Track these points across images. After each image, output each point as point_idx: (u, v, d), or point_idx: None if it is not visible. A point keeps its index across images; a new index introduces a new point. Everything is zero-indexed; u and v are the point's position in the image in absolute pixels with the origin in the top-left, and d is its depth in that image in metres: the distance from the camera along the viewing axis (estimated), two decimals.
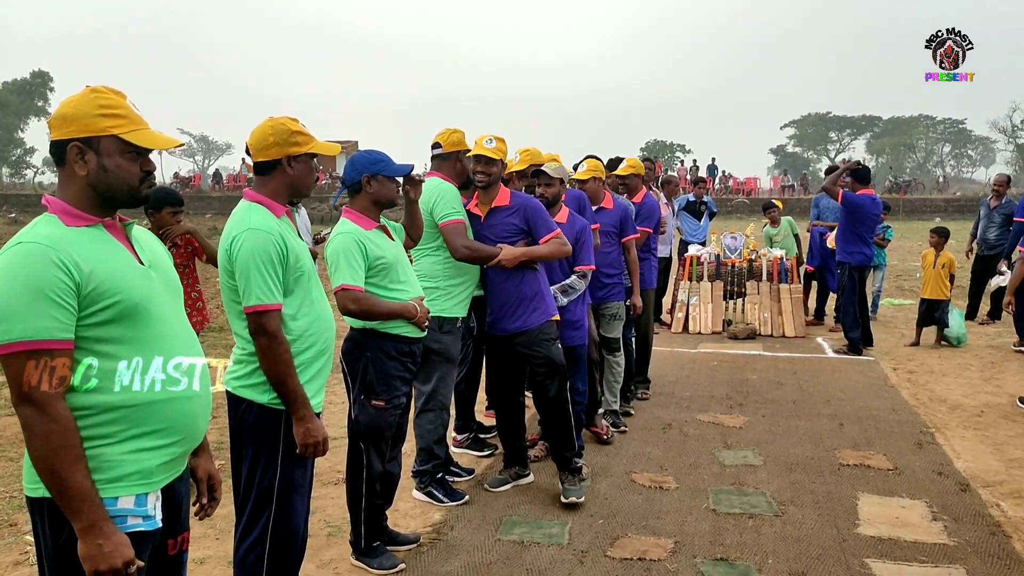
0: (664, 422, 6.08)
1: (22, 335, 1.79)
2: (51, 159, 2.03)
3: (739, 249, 10.61)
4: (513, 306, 4.41)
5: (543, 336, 4.42)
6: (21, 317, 1.79)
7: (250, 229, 2.69)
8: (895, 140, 73.62)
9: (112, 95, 1.99)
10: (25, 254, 1.83)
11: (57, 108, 1.97)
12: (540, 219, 4.43)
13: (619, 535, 4.11)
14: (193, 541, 3.95)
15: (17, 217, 30.26)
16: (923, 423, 6.06)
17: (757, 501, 4.54)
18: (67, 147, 1.94)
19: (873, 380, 7.45)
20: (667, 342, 9.33)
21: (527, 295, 4.40)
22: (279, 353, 2.68)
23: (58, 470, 1.82)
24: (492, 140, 4.33)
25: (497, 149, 4.34)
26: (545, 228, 4.42)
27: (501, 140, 4.39)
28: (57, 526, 1.89)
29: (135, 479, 1.94)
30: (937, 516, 4.33)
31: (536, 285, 4.45)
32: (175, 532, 2.14)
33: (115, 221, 2.03)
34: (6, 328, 1.79)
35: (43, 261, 1.82)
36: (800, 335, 9.57)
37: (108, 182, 1.97)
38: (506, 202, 4.41)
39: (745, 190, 42.52)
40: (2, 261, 1.84)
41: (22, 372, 1.80)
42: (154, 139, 2.03)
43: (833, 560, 3.82)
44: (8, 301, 1.79)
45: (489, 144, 4.32)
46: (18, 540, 3.96)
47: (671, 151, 65.86)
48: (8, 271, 1.81)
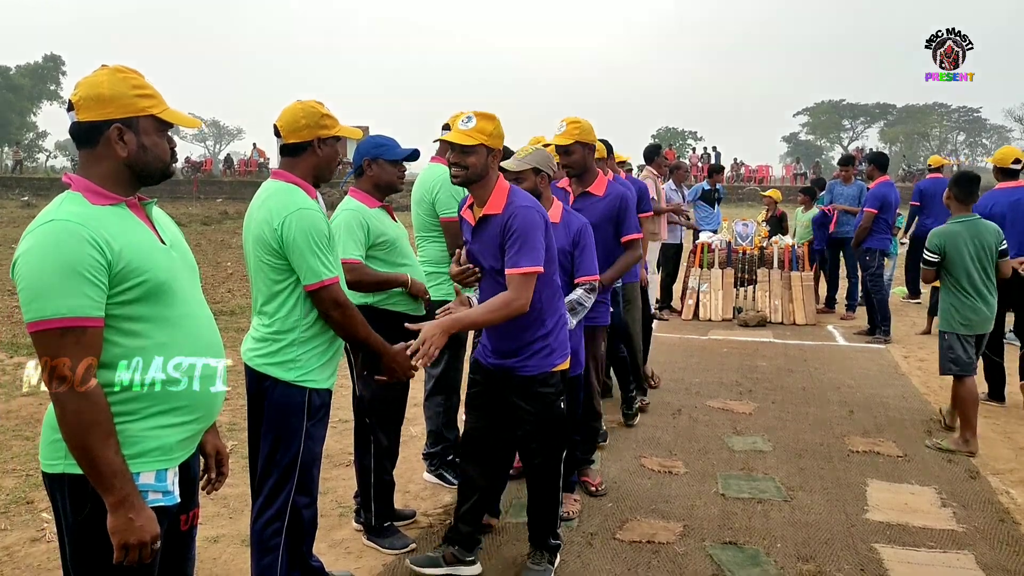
0: (674, 408, 6.10)
1: (56, 312, 1.81)
2: (71, 140, 2.04)
3: (750, 236, 10.58)
4: (511, 336, 3.32)
5: (543, 388, 3.32)
6: (55, 295, 1.80)
7: (301, 209, 2.77)
8: (909, 128, 73.08)
9: (137, 75, 2.03)
10: (58, 232, 1.84)
11: (83, 89, 1.97)
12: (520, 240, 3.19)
13: (628, 518, 4.13)
14: (207, 520, 4.02)
15: (30, 200, 30.41)
16: (933, 411, 6.05)
17: (766, 486, 4.56)
18: (106, 128, 1.96)
19: (883, 368, 7.44)
20: (677, 329, 9.33)
21: (532, 327, 3.28)
22: (355, 317, 2.88)
23: (89, 446, 1.85)
24: (471, 118, 3.12)
25: (477, 130, 3.10)
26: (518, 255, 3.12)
27: (487, 118, 3.15)
28: (78, 502, 1.92)
29: (156, 455, 1.97)
30: (946, 502, 4.34)
31: (551, 315, 3.34)
32: (187, 508, 2.18)
33: (136, 200, 2.06)
34: (39, 306, 1.81)
35: (76, 239, 1.84)
36: (811, 323, 9.55)
37: (147, 161, 2.02)
38: (498, 209, 3.18)
39: (757, 178, 42.31)
40: (35, 238, 1.85)
41: (55, 349, 1.82)
42: (184, 117, 2.10)
43: (841, 545, 3.84)
44: (42, 278, 1.81)
45: (466, 124, 3.12)
46: (35, 518, 4.02)
47: (682, 138, 65.61)
48: (41, 248, 1.83)
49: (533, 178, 3.67)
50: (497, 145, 3.17)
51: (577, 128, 4.27)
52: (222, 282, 12.34)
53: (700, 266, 10.25)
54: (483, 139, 3.11)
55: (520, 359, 3.33)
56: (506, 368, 3.35)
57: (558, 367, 3.36)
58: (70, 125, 2.00)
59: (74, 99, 1.97)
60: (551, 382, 3.34)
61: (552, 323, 3.35)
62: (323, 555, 3.54)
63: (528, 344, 3.31)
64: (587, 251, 3.83)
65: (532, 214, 3.13)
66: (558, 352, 3.36)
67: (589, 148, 4.34)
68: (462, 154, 3.13)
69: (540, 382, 3.32)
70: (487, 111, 3.16)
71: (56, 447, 1.92)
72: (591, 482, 4.47)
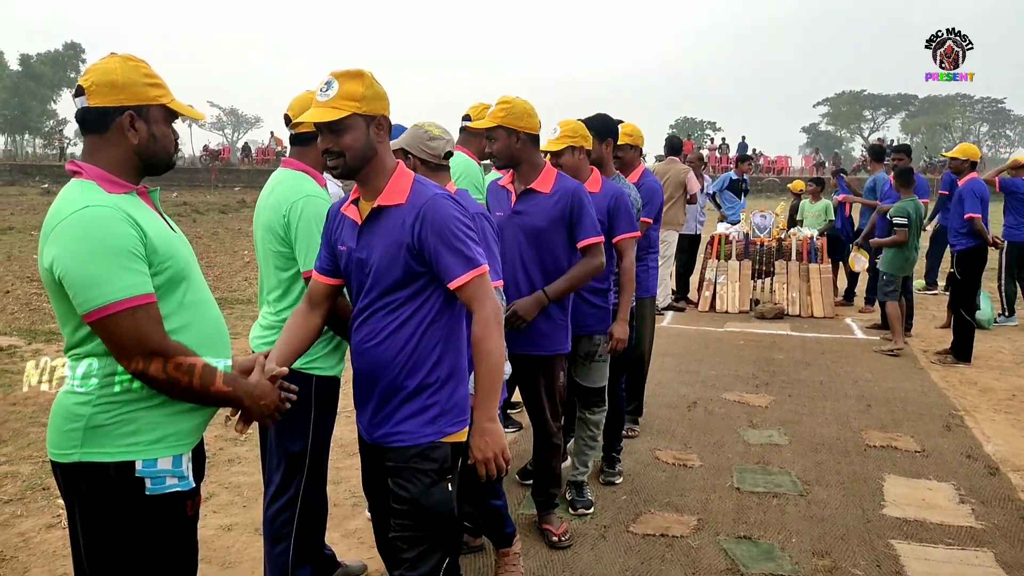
0: (689, 400, 6.06)
1: (122, 294, 1.82)
2: (78, 124, 2.03)
3: (768, 228, 10.50)
4: (377, 394, 2.37)
5: (421, 464, 2.34)
6: (114, 277, 1.81)
7: (308, 196, 2.77)
8: (931, 119, 72.36)
9: (146, 64, 2.04)
10: (98, 217, 1.84)
11: (95, 75, 1.97)
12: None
13: (642, 511, 4.11)
14: (220, 508, 4.03)
15: (50, 187, 30.66)
16: (952, 405, 5.98)
17: (781, 480, 4.52)
18: (118, 115, 1.96)
19: (902, 362, 7.36)
20: (693, 320, 9.28)
21: (419, 367, 2.33)
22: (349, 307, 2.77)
23: (203, 397, 1.98)
24: (331, 83, 2.26)
25: (342, 97, 2.23)
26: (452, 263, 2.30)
27: (353, 76, 2.27)
28: (95, 491, 1.92)
29: (172, 440, 1.98)
30: (965, 499, 4.29)
31: (448, 357, 2.37)
32: (194, 493, 2.18)
33: (144, 189, 2.06)
34: (102, 292, 1.81)
35: (116, 221, 1.85)
36: (829, 315, 9.47)
37: (155, 150, 2.02)
38: (401, 198, 2.35)
39: (776, 169, 42.00)
40: (76, 227, 1.84)
41: (131, 331, 1.83)
42: (190, 110, 2.13)
43: (857, 540, 3.80)
44: (97, 265, 1.81)
45: (325, 94, 2.26)
46: (51, 504, 4.05)
47: (701, 129, 65.24)
48: (86, 236, 1.83)
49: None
50: (378, 109, 2.28)
51: (504, 109, 3.47)
52: (239, 271, 12.39)
53: (717, 257, 10.18)
54: (354, 107, 2.23)
55: (390, 421, 2.35)
56: (377, 440, 2.40)
57: (449, 437, 2.36)
58: (78, 110, 1.99)
59: (85, 84, 1.96)
60: (434, 456, 2.34)
61: (446, 369, 2.35)
62: (336, 545, 3.55)
63: (404, 396, 2.33)
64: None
65: (449, 203, 2.30)
66: (451, 415, 2.36)
67: (518, 136, 3.49)
68: (331, 135, 2.25)
69: (418, 456, 2.32)
70: (352, 68, 2.29)
71: (71, 436, 1.92)
72: (553, 530, 3.76)
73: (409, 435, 2.33)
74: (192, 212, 22.64)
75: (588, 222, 3.54)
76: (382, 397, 2.35)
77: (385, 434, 2.36)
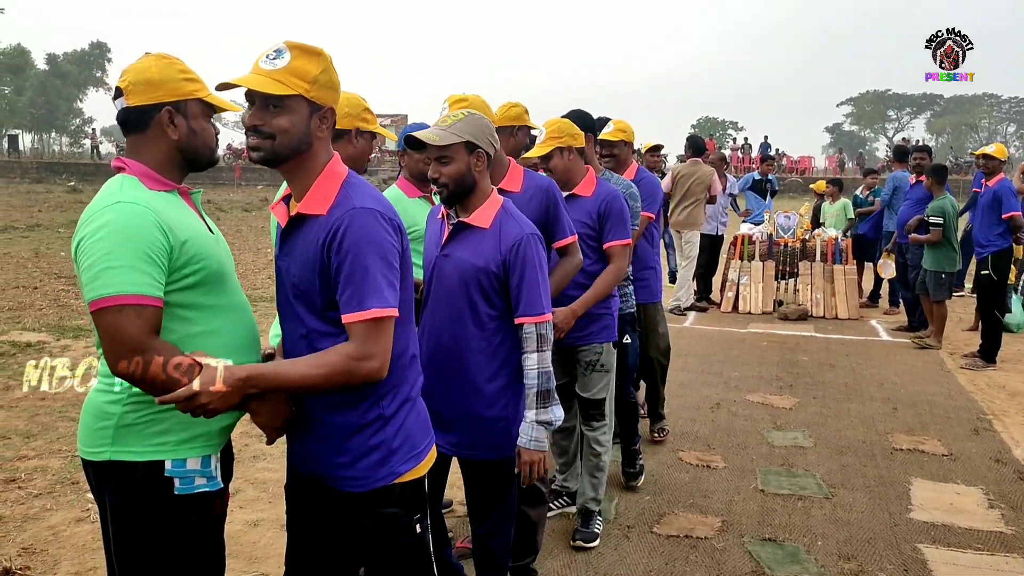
0: (712, 401, 6.03)
1: (118, 290, 1.79)
2: (119, 127, 2.06)
3: (792, 228, 10.42)
4: (317, 421, 2.07)
5: (381, 509, 2.07)
6: (119, 273, 1.80)
7: None
8: (957, 119, 71.55)
9: (180, 61, 2.05)
10: (127, 213, 1.85)
11: (132, 75, 1.99)
12: None
13: (666, 512, 4.10)
14: (247, 504, 4.07)
15: (76, 185, 31.02)
16: (980, 409, 5.91)
17: (807, 483, 4.48)
18: (157, 112, 1.98)
19: (929, 364, 7.29)
20: (716, 321, 9.23)
21: (359, 406, 2.03)
22: None
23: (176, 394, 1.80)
24: (282, 52, 1.94)
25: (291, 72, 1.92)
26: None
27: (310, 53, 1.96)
28: (124, 489, 1.94)
29: (201, 441, 1.98)
30: (994, 504, 4.24)
31: (393, 390, 2.07)
32: (222, 493, 2.19)
33: (186, 189, 2.08)
34: (101, 284, 1.80)
35: (144, 221, 1.85)
36: (853, 317, 9.38)
37: (195, 144, 2.04)
38: (323, 208, 1.99)
39: (799, 169, 41.69)
40: (104, 218, 1.85)
41: (110, 326, 1.80)
42: (226, 102, 2.12)
43: (884, 544, 3.76)
44: (109, 257, 1.81)
45: (272, 62, 1.94)
46: (80, 498, 4.10)
47: (723, 128, 64.91)
48: (110, 228, 1.83)
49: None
50: (328, 100, 1.99)
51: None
52: (262, 268, 12.49)
53: (740, 258, 10.12)
54: (303, 87, 1.92)
55: (334, 464, 2.05)
56: (317, 477, 2.10)
57: (403, 477, 2.08)
58: (119, 112, 2.01)
59: (123, 85, 1.98)
60: (390, 500, 2.07)
61: (393, 404, 2.07)
62: None
63: (346, 435, 2.04)
64: (526, 278, 2.62)
65: (373, 221, 1.92)
66: (403, 452, 2.07)
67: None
68: (264, 111, 1.93)
69: (371, 501, 2.06)
70: (311, 44, 1.97)
71: (102, 434, 1.93)
72: None
73: (357, 480, 2.04)
74: (216, 210, 22.82)
75: (564, 221, 3.30)
76: (319, 428, 2.06)
77: (327, 476, 2.07)
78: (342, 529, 2.12)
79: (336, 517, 2.11)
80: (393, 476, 2.06)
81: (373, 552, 2.11)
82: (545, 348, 2.63)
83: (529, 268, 2.60)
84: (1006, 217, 7.11)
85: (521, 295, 2.61)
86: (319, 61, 1.96)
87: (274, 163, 1.96)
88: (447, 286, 2.65)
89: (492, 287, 2.62)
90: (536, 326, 2.61)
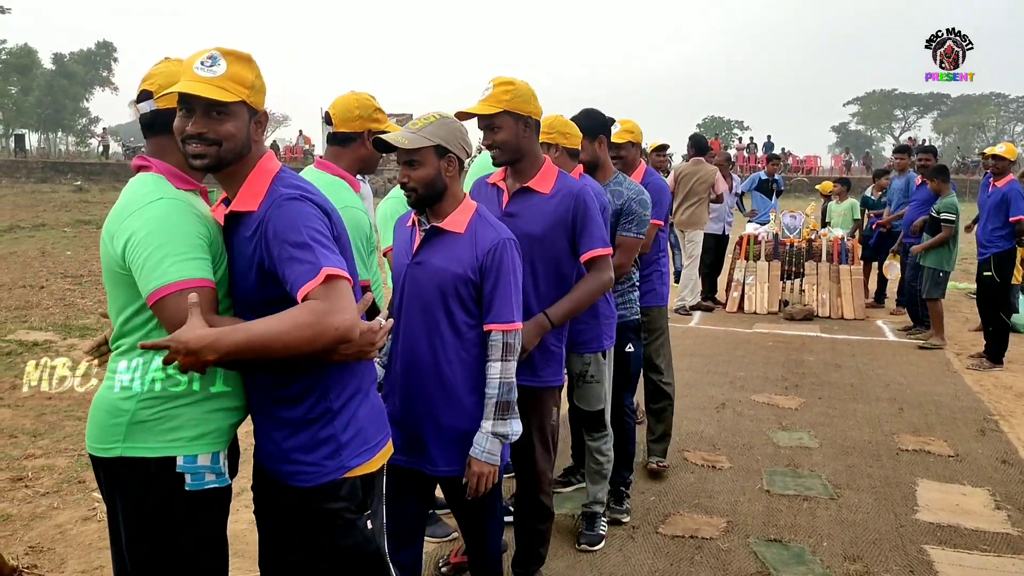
0: (718, 401, 6.02)
1: (173, 277, 1.84)
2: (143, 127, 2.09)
3: (798, 228, 10.40)
4: (262, 409, 2.11)
5: (327, 504, 2.09)
6: (175, 263, 1.85)
7: (346, 208, 2.56)
8: (964, 119, 71.30)
9: None
10: (170, 207, 1.92)
11: (159, 79, 2.05)
12: None
13: (671, 512, 4.09)
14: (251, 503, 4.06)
15: (82, 185, 31.08)
16: (987, 410, 5.90)
17: (812, 483, 4.48)
18: None
19: (935, 365, 7.27)
20: (721, 321, 9.22)
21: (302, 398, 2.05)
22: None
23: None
24: (217, 59, 1.94)
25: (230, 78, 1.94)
26: None
27: (243, 60, 2.00)
28: (137, 485, 1.96)
29: (212, 438, 2.01)
30: (1000, 505, 4.22)
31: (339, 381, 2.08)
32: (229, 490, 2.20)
33: (205, 189, 2.13)
34: (160, 274, 1.85)
35: (187, 213, 1.93)
36: (859, 317, 9.36)
37: None
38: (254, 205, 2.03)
39: (805, 169, 41.60)
40: (151, 213, 1.90)
41: (173, 311, 1.84)
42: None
43: (890, 545, 3.75)
44: (164, 251, 1.86)
45: (210, 68, 1.94)
46: (87, 497, 4.11)
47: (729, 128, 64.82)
48: (160, 224, 1.88)
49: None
50: (262, 104, 2.04)
51: (508, 91, 2.89)
52: None
53: (746, 258, 10.11)
54: (244, 93, 1.96)
55: (284, 458, 2.08)
56: (273, 473, 2.13)
57: (354, 471, 2.09)
58: (145, 113, 2.06)
59: (152, 88, 2.04)
60: (340, 494, 2.08)
61: (342, 397, 2.08)
62: None
63: (294, 430, 2.06)
64: (500, 285, 2.53)
65: (299, 205, 1.94)
66: (354, 446, 2.08)
67: (526, 123, 2.96)
68: (207, 118, 1.92)
69: (320, 496, 2.07)
70: (239, 50, 2.00)
71: (114, 431, 1.95)
72: None
73: (307, 474, 2.06)
74: None
75: (595, 230, 3.02)
76: (269, 428, 2.10)
77: (279, 471, 2.10)
78: (299, 526, 2.13)
79: (292, 514, 2.13)
80: (343, 470, 2.07)
81: (322, 548, 2.11)
82: (510, 358, 2.55)
83: (503, 274, 2.53)
84: (1013, 220, 7.08)
85: (493, 301, 2.53)
86: (252, 67, 2.00)
87: (216, 169, 1.98)
88: (422, 296, 2.54)
89: (470, 295, 2.54)
90: (504, 334, 2.53)
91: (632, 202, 3.71)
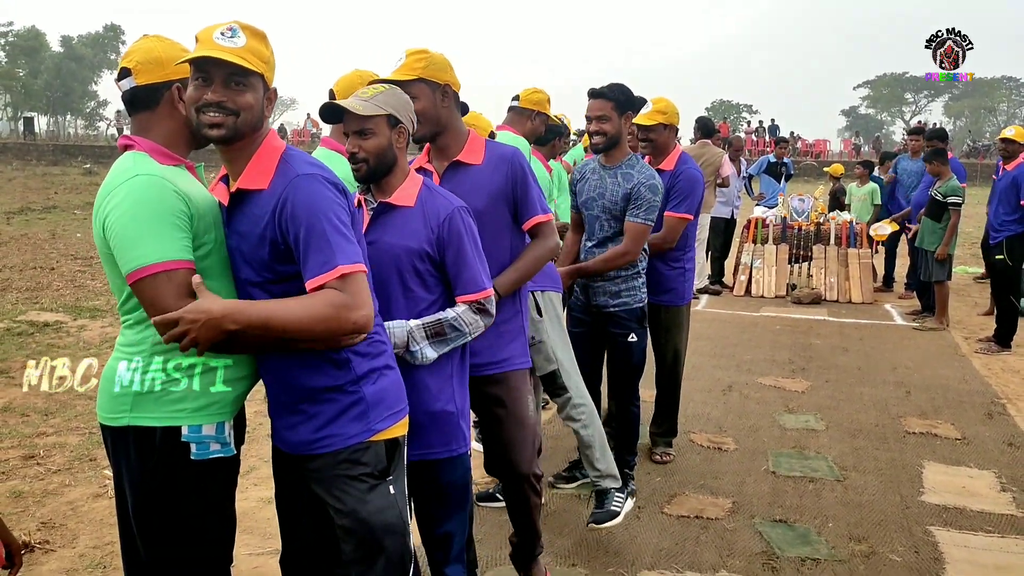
0: (724, 384, 6.03)
1: (152, 259, 1.86)
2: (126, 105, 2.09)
3: (807, 212, 10.36)
4: (288, 388, 2.12)
5: (352, 470, 2.09)
6: (152, 243, 1.86)
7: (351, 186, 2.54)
8: (975, 103, 70.72)
9: (179, 44, 2.11)
10: (147, 185, 1.91)
11: (139, 55, 2.06)
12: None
13: (676, 493, 4.11)
14: (260, 481, 4.12)
15: (92, 167, 31.16)
16: (994, 393, 5.89)
17: (818, 465, 4.49)
18: (166, 89, 2.04)
19: (943, 348, 7.26)
20: (729, 304, 9.21)
21: (325, 368, 2.07)
22: None
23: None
24: (236, 31, 1.95)
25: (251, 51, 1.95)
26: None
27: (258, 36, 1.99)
28: (144, 453, 1.99)
29: (216, 408, 2.03)
30: (1006, 487, 4.23)
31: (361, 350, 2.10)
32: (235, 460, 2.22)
33: (192, 164, 2.13)
34: (138, 254, 1.86)
35: (164, 190, 1.91)
36: (868, 301, 9.34)
37: None
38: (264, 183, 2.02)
39: (814, 152, 41.39)
40: (125, 192, 1.91)
41: (150, 293, 1.87)
42: None
43: (895, 527, 3.77)
44: (140, 229, 1.87)
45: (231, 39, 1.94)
46: (97, 474, 4.16)
47: (737, 111, 64.46)
48: (135, 201, 1.89)
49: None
50: (272, 79, 2.05)
51: (422, 60, 2.66)
52: None
53: (754, 241, 10.08)
54: (262, 67, 1.96)
55: (309, 428, 2.10)
56: (295, 448, 2.15)
57: (380, 435, 2.11)
58: (125, 92, 2.06)
59: (131, 65, 2.05)
60: (364, 459, 2.09)
61: (364, 364, 2.10)
62: None
63: (319, 398, 2.08)
64: (463, 254, 2.43)
65: (317, 185, 1.96)
66: (379, 410, 2.11)
67: (444, 92, 2.71)
68: (226, 88, 1.92)
69: (346, 460, 2.08)
70: (254, 26, 1.99)
71: (121, 400, 1.98)
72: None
73: (336, 438, 2.07)
74: None
75: (534, 196, 2.82)
76: (290, 393, 2.10)
77: (305, 441, 2.11)
78: (323, 495, 2.11)
79: (316, 485, 2.12)
80: (370, 432, 2.09)
81: (347, 513, 2.09)
82: (487, 319, 2.48)
83: (465, 242, 2.42)
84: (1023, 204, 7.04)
85: (460, 272, 2.43)
86: (267, 42, 2.01)
87: (232, 141, 1.97)
88: (377, 276, 2.36)
89: (428, 270, 2.42)
90: (481, 303, 2.46)
91: (642, 186, 3.65)
